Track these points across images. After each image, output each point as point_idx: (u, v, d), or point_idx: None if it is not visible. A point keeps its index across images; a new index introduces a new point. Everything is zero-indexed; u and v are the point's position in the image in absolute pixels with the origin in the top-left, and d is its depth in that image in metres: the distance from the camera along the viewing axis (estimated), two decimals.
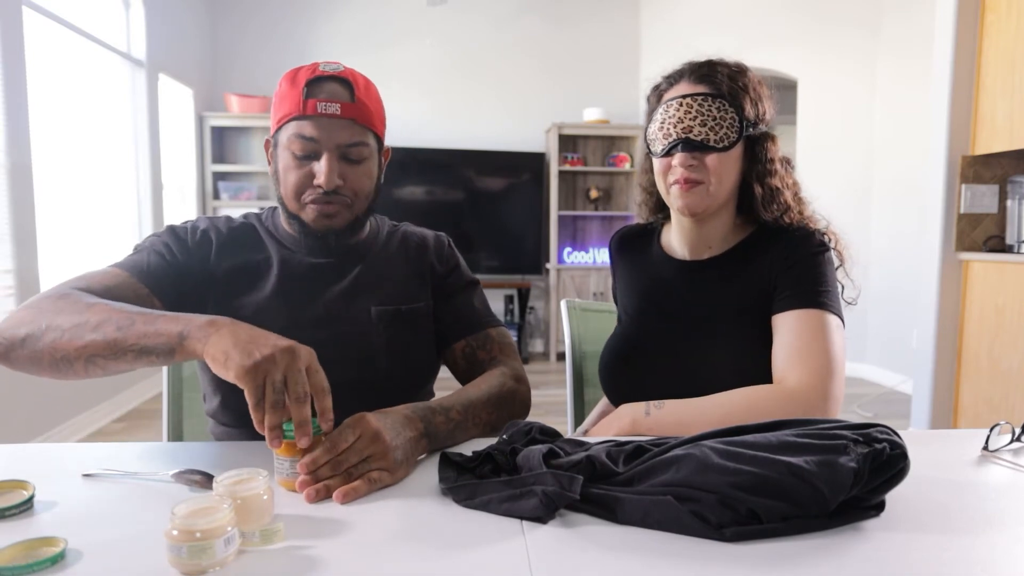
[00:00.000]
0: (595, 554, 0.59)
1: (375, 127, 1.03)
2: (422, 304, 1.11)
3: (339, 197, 1.01)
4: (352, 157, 1.01)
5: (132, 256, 1.02)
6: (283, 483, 0.74)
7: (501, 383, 1.00)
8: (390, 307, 1.08)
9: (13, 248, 2.86)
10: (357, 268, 1.09)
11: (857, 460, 0.63)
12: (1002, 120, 2.72)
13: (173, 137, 4.52)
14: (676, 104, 1.03)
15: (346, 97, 0.99)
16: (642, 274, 1.18)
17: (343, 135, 0.98)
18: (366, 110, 1.00)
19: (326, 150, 0.98)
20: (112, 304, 0.83)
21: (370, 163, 1.04)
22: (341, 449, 0.73)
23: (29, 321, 0.83)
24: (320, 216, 1.01)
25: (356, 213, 1.05)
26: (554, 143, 5.14)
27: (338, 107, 0.97)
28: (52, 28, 3.24)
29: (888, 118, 4.46)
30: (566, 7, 5.40)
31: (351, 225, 1.05)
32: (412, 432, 0.80)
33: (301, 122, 0.98)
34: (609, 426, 0.98)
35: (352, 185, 1.02)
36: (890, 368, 4.41)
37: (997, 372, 2.73)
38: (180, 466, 0.77)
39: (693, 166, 1.02)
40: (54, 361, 0.81)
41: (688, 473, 0.65)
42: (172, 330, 0.77)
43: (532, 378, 5.00)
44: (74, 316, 0.81)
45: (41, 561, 0.56)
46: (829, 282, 1.02)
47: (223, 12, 5.10)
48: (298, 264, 1.07)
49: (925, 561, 0.58)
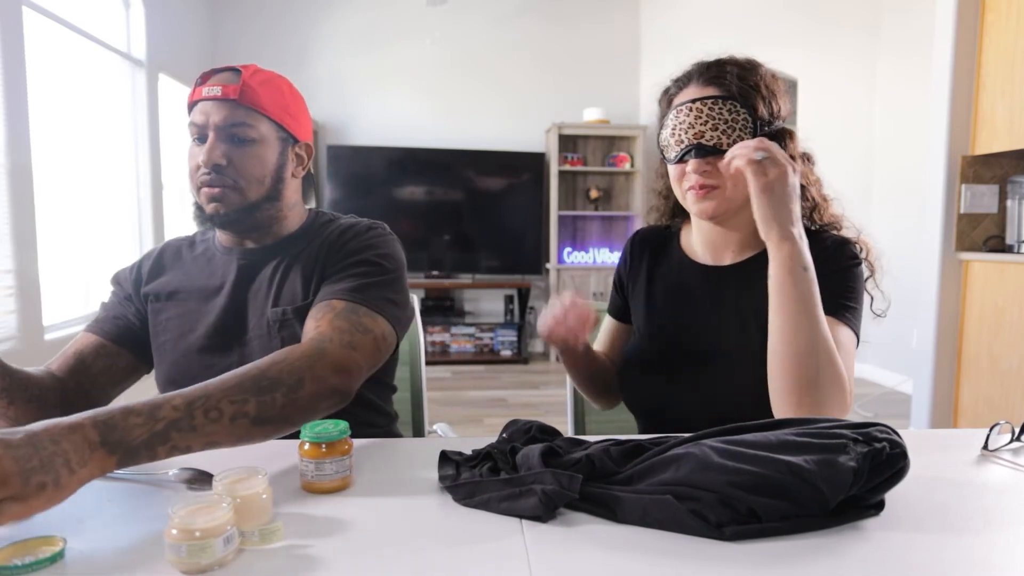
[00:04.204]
0: (594, 553, 0.59)
1: (267, 112, 1.04)
2: (308, 302, 1.02)
3: (223, 178, 1.01)
4: (237, 137, 1.02)
5: (98, 314, 1.12)
6: None
7: (271, 362, 0.80)
8: (280, 308, 1.03)
9: (13, 248, 2.86)
10: (265, 269, 1.07)
11: (857, 459, 0.63)
12: (1002, 120, 2.72)
13: (173, 137, 4.52)
14: (686, 109, 1.00)
15: (232, 81, 1.02)
16: (663, 278, 1.15)
17: (224, 115, 1.01)
18: (253, 94, 1.02)
19: (210, 131, 1.01)
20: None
21: (261, 147, 1.03)
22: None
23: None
24: (208, 198, 1.03)
25: (250, 198, 1.03)
26: (554, 143, 5.14)
27: (219, 89, 1.01)
28: (52, 28, 3.24)
29: (888, 118, 4.46)
30: (566, 7, 5.40)
31: (245, 209, 1.03)
32: (69, 445, 0.60)
33: (194, 109, 1.03)
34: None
35: (237, 166, 1.02)
36: (890, 368, 4.41)
37: (997, 372, 2.73)
38: (180, 465, 0.77)
39: (707, 172, 1.00)
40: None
41: (688, 472, 0.65)
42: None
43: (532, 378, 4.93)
44: None
45: (40, 560, 0.56)
46: (856, 298, 1.00)
47: (223, 12, 5.10)
48: (217, 269, 1.10)
49: (924, 561, 0.58)
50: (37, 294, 3.02)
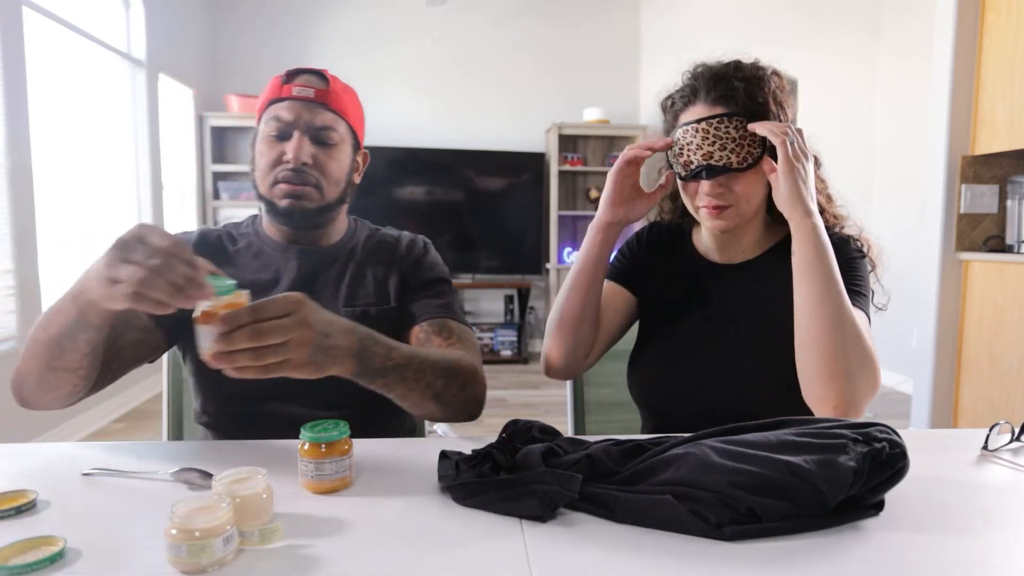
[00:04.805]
0: (594, 553, 0.59)
1: (348, 119, 1.09)
2: (392, 306, 1.11)
3: (306, 176, 1.04)
4: (323, 139, 1.06)
5: None
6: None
7: (459, 358, 0.96)
8: (359, 308, 1.08)
9: (13, 248, 2.86)
10: (330, 270, 1.11)
11: (856, 459, 0.63)
12: (1002, 120, 2.72)
13: (173, 137, 4.52)
14: (693, 129, 0.99)
15: (320, 84, 1.07)
16: (676, 275, 1.15)
17: (315, 117, 1.05)
18: (340, 100, 1.08)
19: (297, 129, 1.04)
20: (46, 311, 0.86)
21: (342, 150, 1.09)
22: (265, 317, 0.69)
23: (18, 362, 0.89)
24: (288, 195, 1.04)
25: (327, 199, 1.07)
26: (554, 143, 5.14)
27: (312, 91, 1.05)
28: (52, 28, 3.24)
29: (888, 118, 4.46)
30: (566, 7, 5.40)
31: (320, 210, 1.07)
32: (342, 343, 0.77)
33: (278, 105, 1.05)
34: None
35: (321, 166, 1.06)
36: (890, 368, 4.40)
37: (997, 372, 2.73)
38: (179, 465, 0.77)
39: (720, 192, 1.00)
40: (39, 387, 0.88)
41: (688, 472, 0.65)
42: (69, 295, 0.79)
43: (532, 378, 4.94)
44: (29, 340, 0.86)
45: (40, 560, 0.56)
46: (864, 285, 1.03)
47: (223, 12, 5.10)
48: (270, 263, 1.10)
49: (924, 561, 0.58)
50: (37, 294, 3.02)
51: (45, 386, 0.87)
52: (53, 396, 0.89)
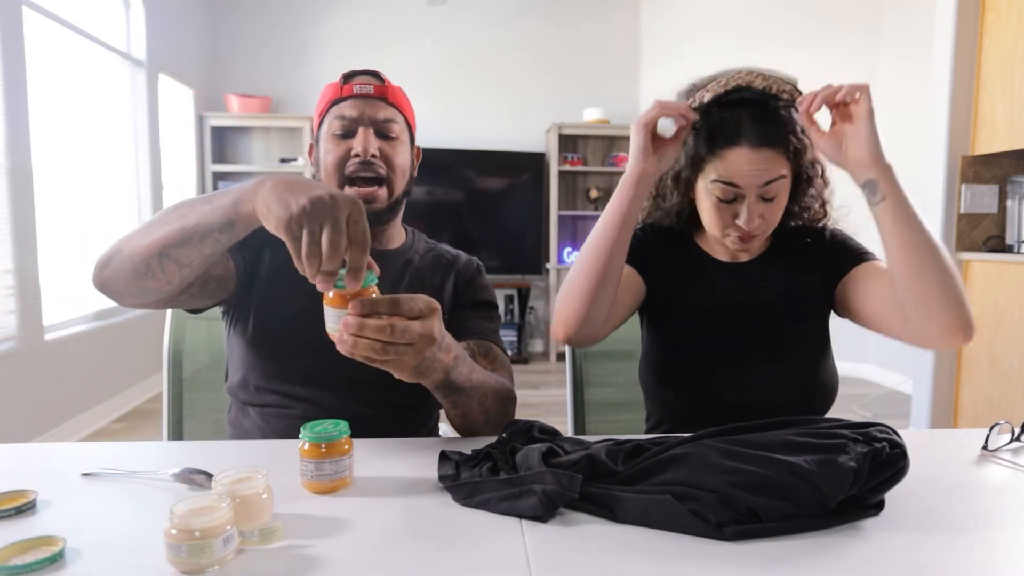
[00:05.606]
0: (594, 553, 0.59)
1: (405, 113, 1.14)
2: (445, 318, 1.12)
3: (375, 167, 1.07)
4: (386, 132, 1.10)
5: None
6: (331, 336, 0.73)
7: (509, 387, 1.03)
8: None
9: (13, 248, 2.86)
10: (389, 273, 1.13)
11: (857, 459, 0.63)
12: (1002, 120, 2.72)
13: (173, 137, 4.52)
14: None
15: (378, 82, 1.12)
16: (686, 272, 1.15)
17: (378, 111, 1.09)
18: (396, 95, 1.13)
19: (362, 125, 1.08)
20: (183, 200, 0.86)
21: (403, 142, 1.12)
22: (401, 312, 0.73)
23: (119, 240, 0.88)
24: (359, 197, 1.04)
25: (393, 194, 1.10)
26: (554, 143, 5.14)
27: (372, 88, 1.10)
28: (52, 28, 3.24)
29: (888, 118, 4.45)
30: (566, 7, 5.40)
31: (390, 207, 1.10)
32: (444, 358, 0.82)
33: (340, 105, 1.09)
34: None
35: (387, 158, 1.09)
36: (890, 368, 4.40)
37: (997, 372, 2.73)
38: (180, 465, 0.77)
39: (759, 225, 1.03)
40: (134, 268, 0.84)
41: (688, 472, 0.65)
42: (226, 200, 0.78)
43: (532, 378, 4.96)
44: (150, 222, 0.85)
45: (40, 560, 0.56)
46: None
47: (223, 12, 5.10)
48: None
49: (924, 560, 0.58)
50: (37, 294, 3.02)
51: (143, 270, 0.84)
52: (140, 285, 0.86)
